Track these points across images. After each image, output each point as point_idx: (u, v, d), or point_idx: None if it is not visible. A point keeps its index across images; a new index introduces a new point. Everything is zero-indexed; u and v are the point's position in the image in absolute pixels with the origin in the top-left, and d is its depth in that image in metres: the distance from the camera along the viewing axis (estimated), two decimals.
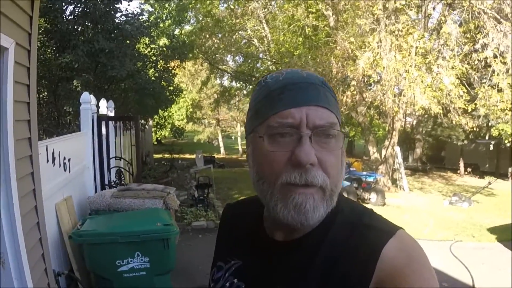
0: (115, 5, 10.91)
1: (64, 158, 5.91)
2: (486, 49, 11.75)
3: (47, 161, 5.09)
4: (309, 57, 15.97)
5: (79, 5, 10.31)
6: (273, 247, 1.06)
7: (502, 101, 12.01)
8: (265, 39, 20.57)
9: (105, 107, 9.24)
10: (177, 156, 23.19)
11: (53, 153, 5.33)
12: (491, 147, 21.29)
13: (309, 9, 17.69)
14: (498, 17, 11.89)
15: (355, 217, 1.02)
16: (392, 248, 0.92)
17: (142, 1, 22.83)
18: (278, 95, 0.97)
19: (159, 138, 35.47)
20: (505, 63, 11.68)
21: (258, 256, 1.08)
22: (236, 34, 22.07)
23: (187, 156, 25.81)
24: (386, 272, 0.89)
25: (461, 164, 22.85)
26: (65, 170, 5.96)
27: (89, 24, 10.58)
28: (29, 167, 3.32)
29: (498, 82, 11.85)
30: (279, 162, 0.93)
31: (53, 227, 5.21)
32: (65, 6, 10.36)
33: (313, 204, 0.93)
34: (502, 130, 16.53)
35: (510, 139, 16.77)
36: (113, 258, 4.66)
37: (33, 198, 3.38)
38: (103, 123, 8.54)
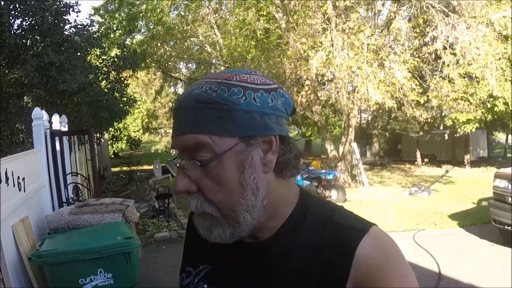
0: (64, 17, 10.64)
1: (18, 178, 5.71)
2: (436, 41, 12.04)
3: (0, 181, 4.91)
4: (262, 59, 16.02)
5: (26, 18, 10.01)
6: (242, 249, 1.02)
7: (454, 91, 12.36)
8: (217, 44, 20.50)
9: (58, 122, 9.00)
10: (135, 168, 22.86)
11: (6, 173, 5.13)
12: (446, 137, 21.84)
13: (260, 13, 17.81)
14: (446, 10, 12.22)
15: (325, 215, 0.99)
16: (367, 247, 0.90)
17: (92, 12, 22.47)
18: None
19: (116, 151, 34.89)
20: (454, 54, 12.00)
21: (228, 260, 1.05)
22: (188, 41, 21.93)
23: (146, 167, 25.44)
24: (363, 272, 0.88)
25: (418, 156, 23.40)
26: (19, 189, 5.77)
27: (38, 37, 10.28)
28: None
29: (449, 73, 12.18)
30: None
31: (11, 250, 5.03)
32: (13, 20, 10.04)
33: (205, 228, 0.96)
34: (456, 119, 16.98)
35: (463, 128, 17.28)
36: (76, 276, 4.54)
37: None
38: (57, 138, 8.31)
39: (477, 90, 12.94)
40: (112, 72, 14.54)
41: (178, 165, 0.94)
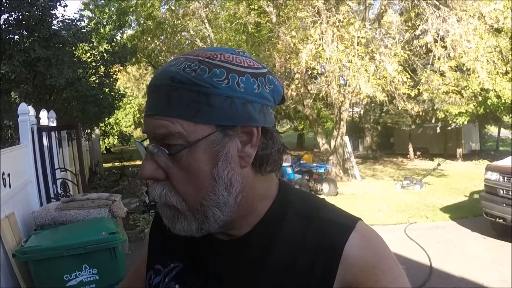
0: (51, 11, 10.51)
1: (3, 174, 5.63)
2: (426, 35, 12.02)
3: None
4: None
5: (13, 13, 9.87)
6: (217, 247, 0.95)
7: (445, 84, 12.35)
8: (208, 38, 20.39)
9: (46, 118, 8.91)
10: (127, 163, 22.77)
11: None
12: (438, 130, 21.92)
13: (250, 6, 17.76)
14: (438, 3, 12.20)
15: (308, 210, 0.92)
16: (356, 246, 0.84)
17: (82, 7, 22.33)
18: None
19: (108, 147, 34.77)
20: (445, 47, 12.00)
21: (201, 258, 0.97)
22: (179, 35, 21.83)
23: (138, 162, 25.37)
24: (352, 273, 0.82)
25: (410, 149, 23.50)
26: (5, 185, 5.68)
27: (25, 32, 10.16)
28: None
29: (440, 66, 12.17)
30: None
31: None
32: None
33: (169, 219, 0.88)
34: (447, 112, 17.00)
35: (455, 120, 17.33)
36: (61, 273, 4.46)
37: None
38: (44, 134, 8.21)
39: (469, 83, 12.95)
40: (101, 66, 14.40)
41: (146, 148, 0.85)
